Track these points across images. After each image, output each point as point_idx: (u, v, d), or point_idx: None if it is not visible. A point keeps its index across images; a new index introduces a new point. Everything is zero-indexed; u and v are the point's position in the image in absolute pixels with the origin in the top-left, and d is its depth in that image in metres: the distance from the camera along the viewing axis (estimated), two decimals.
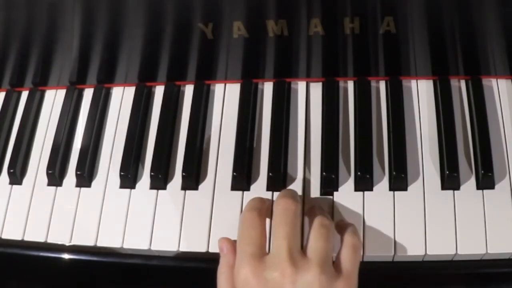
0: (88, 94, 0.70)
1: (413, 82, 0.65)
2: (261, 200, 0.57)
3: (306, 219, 0.56)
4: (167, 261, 0.61)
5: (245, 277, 0.49)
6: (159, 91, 0.69)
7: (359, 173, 0.59)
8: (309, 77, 0.66)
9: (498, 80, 0.64)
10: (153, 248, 0.59)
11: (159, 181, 0.62)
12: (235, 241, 0.55)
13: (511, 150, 0.60)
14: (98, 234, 0.61)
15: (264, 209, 0.56)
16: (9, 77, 0.71)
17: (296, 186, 0.60)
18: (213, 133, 0.65)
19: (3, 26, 0.62)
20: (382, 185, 0.59)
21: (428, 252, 0.55)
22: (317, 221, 0.53)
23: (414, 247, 0.56)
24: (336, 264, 0.51)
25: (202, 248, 0.58)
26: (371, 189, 0.59)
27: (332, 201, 0.59)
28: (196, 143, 0.63)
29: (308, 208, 0.58)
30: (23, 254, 0.63)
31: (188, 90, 0.68)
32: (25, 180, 0.66)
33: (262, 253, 0.51)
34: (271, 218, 0.56)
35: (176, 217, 0.60)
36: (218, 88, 0.68)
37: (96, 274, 0.64)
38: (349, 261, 0.51)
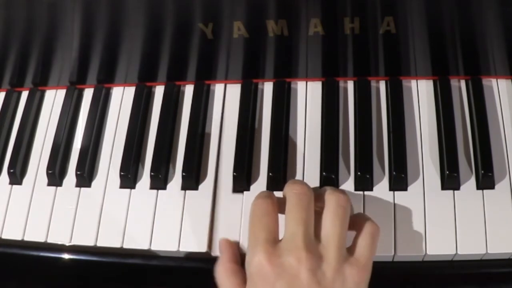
0: (88, 94, 0.70)
1: (413, 82, 0.65)
2: (271, 192, 0.55)
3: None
4: (167, 261, 0.61)
5: (260, 263, 0.48)
6: (159, 91, 0.69)
7: (359, 173, 0.59)
8: (309, 77, 0.66)
9: (498, 80, 0.64)
10: (153, 248, 0.59)
11: (159, 181, 0.62)
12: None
13: (511, 150, 0.60)
14: (98, 234, 0.61)
15: (275, 199, 0.54)
16: (9, 77, 0.71)
17: None
18: (213, 133, 0.65)
19: (3, 26, 0.62)
20: (382, 185, 0.59)
21: (428, 252, 0.55)
22: (334, 199, 0.51)
23: (414, 247, 0.56)
24: (351, 250, 0.50)
25: (202, 248, 0.58)
26: (371, 189, 0.59)
27: None
28: (196, 143, 0.63)
29: (320, 189, 0.56)
30: (23, 254, 0.63)
31: (188, 90, 0.68)
32: (25, 180, 0.66)
33: (275, 239, 0.50)
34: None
35: (176, 217, 0.60)
36: (218, 88, 0.68)
37: (96, 274, 0.64)
38: (366, 249, 0.50)
